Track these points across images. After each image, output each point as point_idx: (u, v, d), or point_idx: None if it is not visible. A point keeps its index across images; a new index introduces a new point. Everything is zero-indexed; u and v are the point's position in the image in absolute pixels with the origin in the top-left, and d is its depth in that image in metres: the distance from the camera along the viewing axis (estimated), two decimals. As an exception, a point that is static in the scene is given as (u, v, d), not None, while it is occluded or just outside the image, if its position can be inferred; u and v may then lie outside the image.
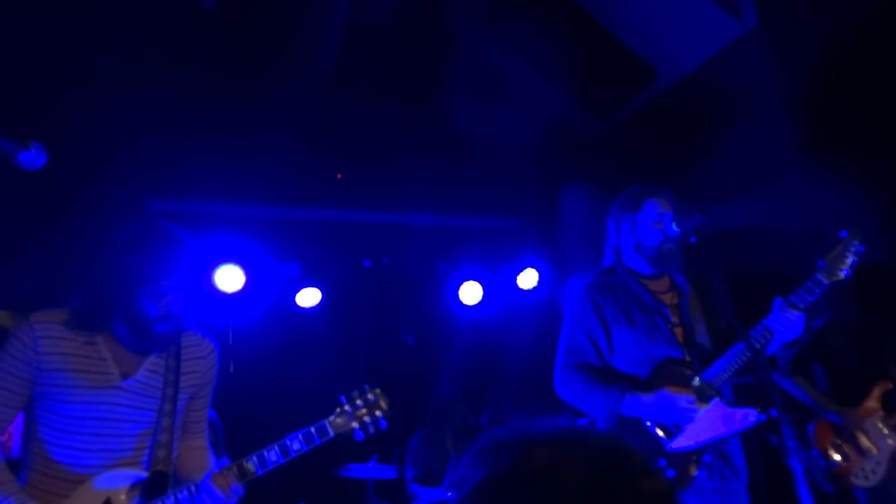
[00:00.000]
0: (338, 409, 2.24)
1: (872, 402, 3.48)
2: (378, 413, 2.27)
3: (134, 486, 2.03)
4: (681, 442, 2.38)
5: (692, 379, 2.42)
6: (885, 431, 3.41)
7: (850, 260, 2.38)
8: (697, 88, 4.28)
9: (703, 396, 2.38)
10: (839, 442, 3.46)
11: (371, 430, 2.26)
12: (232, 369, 5.23)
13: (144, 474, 2.05)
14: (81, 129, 4.34)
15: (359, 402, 2.25)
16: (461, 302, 5.32)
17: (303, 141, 4.96)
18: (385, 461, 4.08)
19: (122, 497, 2.00)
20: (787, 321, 2.37)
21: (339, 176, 5.23)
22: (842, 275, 2.38)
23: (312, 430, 2.16)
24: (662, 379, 2.43)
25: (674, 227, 2.50)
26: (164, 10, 3.99)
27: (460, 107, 5.08)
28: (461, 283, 5.35)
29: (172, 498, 2.01)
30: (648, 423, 2.41)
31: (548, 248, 5.51)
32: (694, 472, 2.40)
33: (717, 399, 2.39)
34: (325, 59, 4.66)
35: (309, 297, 5.04)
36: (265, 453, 2.09)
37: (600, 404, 2.43)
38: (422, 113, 5.19)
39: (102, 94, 4.39)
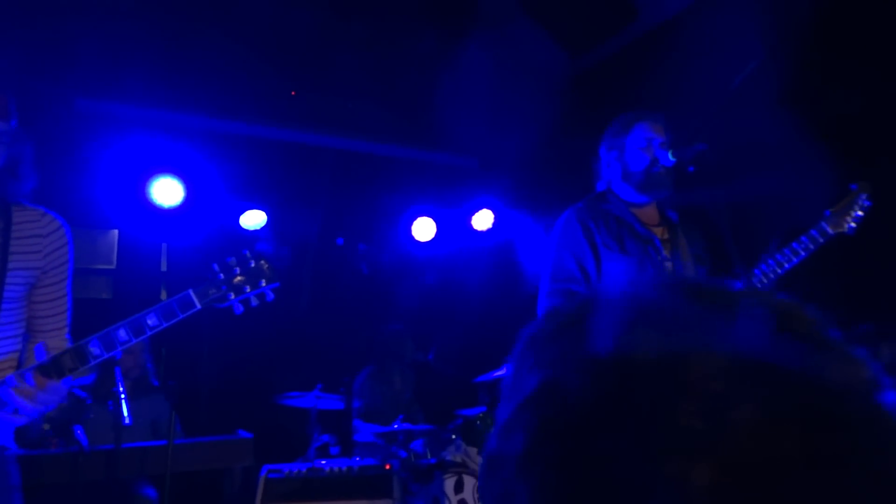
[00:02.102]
0: (210, 277, 1.86)
1: None
2: (262, 282, 1.88)
3: None
4: None
5: None
6: None
7: (856, 213, 2.36)
8: (678, 32, 4.18)
9: None
10: None
11: (253, 301, 1.89)
12: (163, 296, 4.90)
13: None
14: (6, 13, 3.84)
15: (236, 268, 1.87)
16: (414, 238, 5.15)
17: (258, 52, 4.58)
18: (331, 391, 3.90)
19: None
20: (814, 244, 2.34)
21: (293, 93, 4.88)
22: (847, 227, 2.35)
23: (174, 301, 1.80)
24: None
25: (669, 155, 2.39)
26: None
27: (428, 32, 4.82)
28: (415, 218, 5.17)
29: None
30: None
31: (506, 190, 5.39)
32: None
33: None
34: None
35: (253, 219, 4.73)
36: (112, 332, 1.75)
37: None
38: (387, 34, 4.89)
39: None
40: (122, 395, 2.90)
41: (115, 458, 2.91)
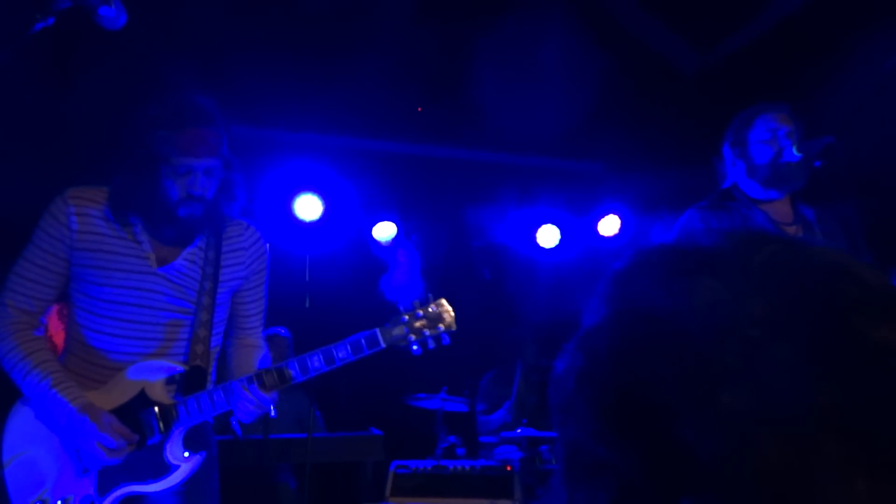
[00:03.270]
0: (393, 318, 2.04)
1: None
2: (441, 327, 2.03)
3: (171, 378, 1.97)
4: None
5: None
6: None
7: None
8: (812, 20, 3.90)
9: None
10: None
11: (431, 344, 2.04)
12: (308, 304, 5.32)
13: (181, 367, 1.97)
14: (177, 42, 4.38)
15: (419, 312, 2.03)
16: (538, 244, 5.19)
17: (388, 72, 4.86)
18: (455, 393, 4.06)
19: (158, 388, 1.93)
20: None
21: (419, 109, 5.12)
22: None
23: (362, 338, 1.99)
24: None
25: (794, 149, 2.26)
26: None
27: (548, 40, 4.85)
28: (539, 226, 5.21)
29: (207, 396, 1.94)
30: None
31: (632, 194, 5.28)
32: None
33: None
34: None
35: (385, 231, 5.02)
36: (307, 359, 1.96)
37: None
38: (509, 47, 4.99)
39: (180, 17, 4.39)
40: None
41: (263, 448, 3.23)
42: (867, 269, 0.48)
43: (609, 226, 5.28)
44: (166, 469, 1.90)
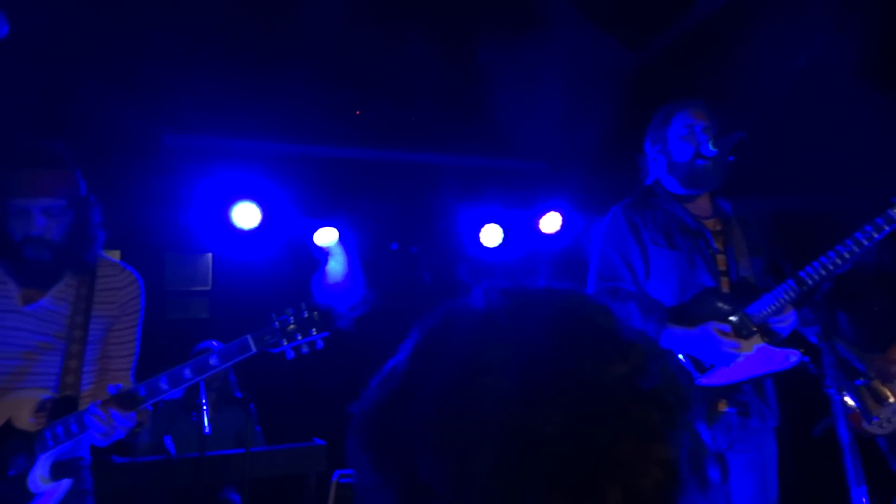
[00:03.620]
0: (266, 324, 2.08)
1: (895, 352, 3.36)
2: (313, 331, 2.06)
3: (39, 407, 1.99)
4: (713, 378, 2.25)
5: (733, 313, 2.26)
6: None
7: None
8: (738, 16, 4.01)
9: (743, 334, 2.23)
10: (858, 388, 3.36)
11: (304, 349, 2.08)
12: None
13: (50, 395, 2.01)
14: (100, 56, 4.25)
15: (291, 317, 2.07)
16: (481, 244, 5.20)
17: (322, 77, 4.80)
18: (401, 399, 4.02)
19: (24, 416, 1.97)
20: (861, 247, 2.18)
21: (357, 112, 5.07)
22: None
23: (233, 345, 2.03)
24: (703, 311, 2.26)
25: (710, 145, 2.31)
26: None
27: (485, 39, 4.87)
28: (482, 225, 5.21)
29: (75, 420, 1.96)
30: (681, 356, 2.28)
31: (573, 192, 5.33)
32: (724, 408, 2.28)
33: (761, 342, 2.24)
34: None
35: (326, 236, 4.95)
36: (179, 371, 1.99)
37: None
38: (446, 49, 4.99)
39: (118, 24, 4.27)
40: (204, 408, 3.15)
41: (200, 466, 3.14)
42: (593, 315, 0.56)
43: (551, 223, 5.32)
44: (29, 497, 1.92)
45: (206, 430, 3.00)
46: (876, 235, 2.18)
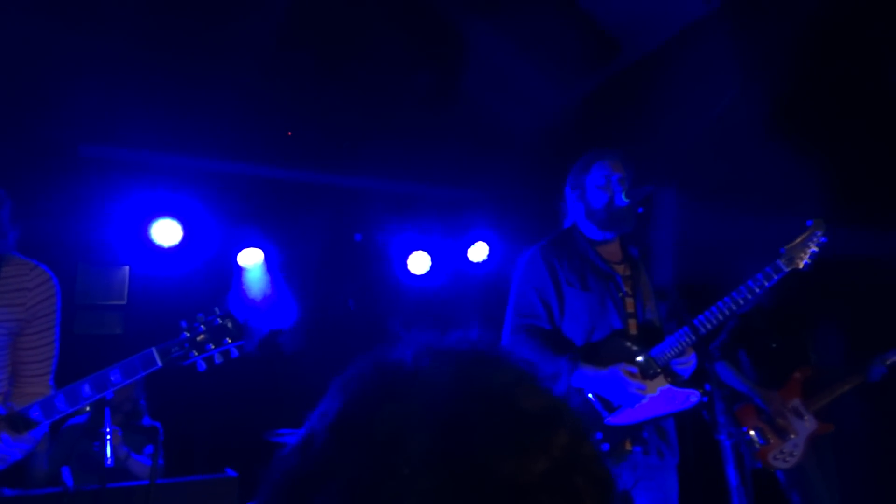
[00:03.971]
0: (173, 335, 1.93)
1: (793, 387, 3.57)
2: (227, 339, 1.92)
3: None
4: (620, 418, 2.34)
5: (640, 354, 2.37)
6: (804, 416, 3.49)
7: (811, 250, 2.37)
8: (660, 66, 4.23)
9: (649, 374, 2.33)
10: (761, 424, 3.55)
11: (217, 359, 1.93)
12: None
13: None
14: (11, 60, 4.05)
15: (201, 326, 1.92)
16: (408, 270, 5.21)
17: (253, 94, 4.73)
18: (319, 427, 3.94)
19: None
20: (753, 294, 2.34)
21: (289, 133, 5.02)
22: (802, 264, 2.35)
23: (136, 358, 1.87)
24: (612, 353, 2.37)
25: (623, 195, 2.44)
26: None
27: (419, 68, 4.93)
28: (409, 252, 5.24)
29: None
30: (590, 396, 2.36)
31: (500, 222, 5.44)
32: (630, 447, 2.37)
33: (664, 383, 2.35)
34: (281, 9, 4.43)
35: (251, 257, 4.85)
36: (77, 387, 1.83)
37: (548, 373, 2.37)
38: (379, 72, 5.01)
39: (38, 29, 4.09)
40: (108, 437, 2.98)
41: (99, 499, 2.98)
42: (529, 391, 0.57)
43: (478, 252, 5.40)
44: None
45: (108, 461, 2.84)
46: (766, 283, 2.35)
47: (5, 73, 4.00)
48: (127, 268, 5.37)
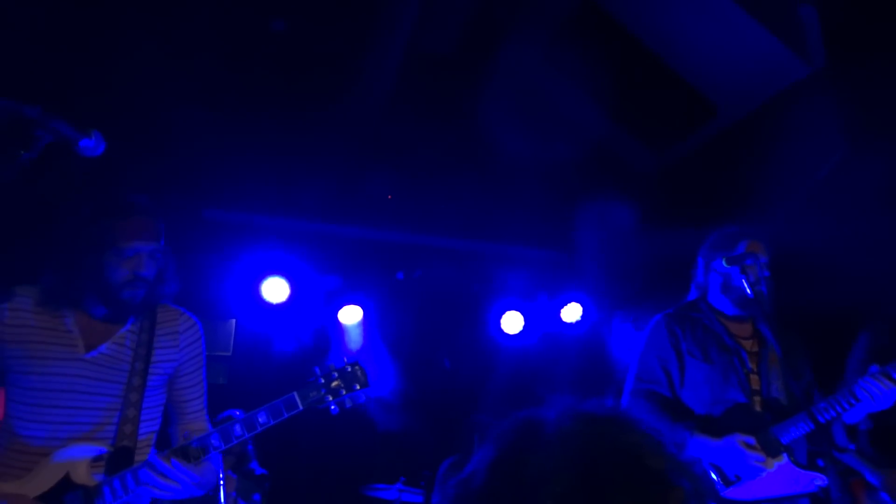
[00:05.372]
0: (310, 380, 2.09)
1: None
2: (357, 386, 2.08)
3: (96, 459, 1.97)
4: (737, 493, 2.27)
5: (761, 430, 2.31)
6: None
7: None
8: (759, 127, 4.17)
9: (771, 452, 2.27)
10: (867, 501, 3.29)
11: (347, 404, 2.09)
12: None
13: (106, 448, 1.99)
14: (142, 130, 4.51)
15: (334, 373, 2.09)
16: (502, 330, 5.26)
17: (355, 159, 5.03)
18: (412, 484, 4.00)
19: (82, 470, 1.94)
20: (876, 389, 2.25)
21: (389, 197, 5.28)
22: None
23: (280, 402, 2.02)
24: (732, 425, 2.34)
25: (765, 286, 2.42)
26: (234, 27, 4.15)
27: (515, 136, 5.09)
28: (503, 312, 5.29)
29: (132, 474, 1.94)
30: (708, 467, 2.31)
31: (594, 283, 5.41)
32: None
33: (787, 459, 2.27)
34: (384, 80, 4.74)
35: (351, 315, 5.06)
36: (230, 428, 1.98)
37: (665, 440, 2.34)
38: (476, 139, 5.21)
39: (169, 100, 4.56)
40: (221, 482, 3.17)
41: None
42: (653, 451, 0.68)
43: (572, 313, 5.38)
44: None
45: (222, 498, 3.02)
46: (887, 380, 2.24)
47: (136, 135, 4.43)
48: (234, 321, 5.72)
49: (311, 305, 5.10)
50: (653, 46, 4.35)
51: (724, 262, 2.52)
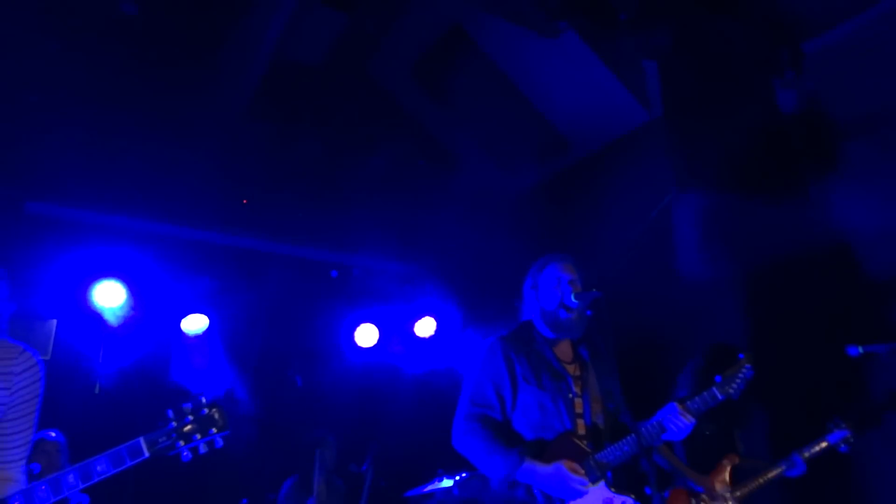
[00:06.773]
0: (160, 425, 1.90)
1: (722, 475, 3.73)
2: (213, 430, 1.91)
3: None
4: None
5: (587, 457, 2.45)
6: (728, 501, 3.64)
7: (740, 383, 2.54)
8: (603, 166, 4.53)
9: (593, 477, 2.43)
10: None
11: (202, 449, 1.92)
12: (97, 390, 4.84)
13: None
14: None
15: (188, 416, 1.90)
16: (356, 344, 5.23)
17: (210, 160, 4.78)
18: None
19: None
20: (680, 424, 2.47)
21: (244, 201, 5.07)
22: (732, 393, 2.52)
23: (123, 449, 1.83)
24: (560, 452, 2.45)
25: (572, 297, 2.57)
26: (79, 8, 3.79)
27: (379, 148, 5.11)
28: (357, 325, 5.27)
29: None
30: (536, 491, 2.43)
31: (448, 298, 5.55)
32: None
33: (603, 483, 2.45)
34: (246, 82, 4.55)
35: (195, 324, 4.78)
36: (60, 478, 1.79)
37: (498, 466, 2.43)
38: (336, 149, 5.16)
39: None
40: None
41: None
42: None
43: (425, 327, 5.47)
44: None
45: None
46: (703, 408, 2.51)
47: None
48: (54, 321, 5.19)
49: (151, 311, 4.75)
50: (514, 78, 4.58)
51: (532, 287, 2.68)
